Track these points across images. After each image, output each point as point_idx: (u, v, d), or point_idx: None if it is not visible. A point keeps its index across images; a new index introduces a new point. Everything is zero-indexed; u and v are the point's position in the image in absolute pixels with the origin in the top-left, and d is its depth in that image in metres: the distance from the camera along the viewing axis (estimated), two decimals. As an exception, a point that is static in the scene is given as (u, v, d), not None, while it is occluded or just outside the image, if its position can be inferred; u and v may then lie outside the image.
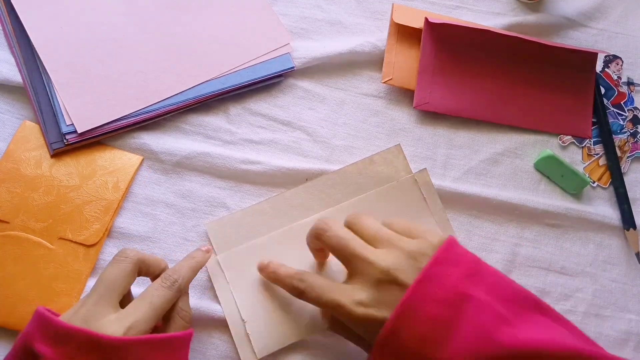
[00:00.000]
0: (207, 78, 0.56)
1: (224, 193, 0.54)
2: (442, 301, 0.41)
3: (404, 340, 0.41)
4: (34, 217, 0.51)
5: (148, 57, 0.56)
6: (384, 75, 0.58)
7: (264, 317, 0.50)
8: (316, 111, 0.58)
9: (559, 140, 0.60)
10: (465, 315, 0.41)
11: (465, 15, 0.63)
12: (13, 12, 0.55)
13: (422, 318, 0.41)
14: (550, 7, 0.64)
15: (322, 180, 0.55)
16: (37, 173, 0.52)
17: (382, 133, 0.58)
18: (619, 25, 0.65)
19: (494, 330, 0.40)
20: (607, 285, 0.57)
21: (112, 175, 0.53)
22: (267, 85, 0.58)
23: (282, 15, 0.60)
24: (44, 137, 0.53)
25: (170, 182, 0.54)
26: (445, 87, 0.58)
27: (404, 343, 0.41)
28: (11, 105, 0.54)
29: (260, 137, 0.56)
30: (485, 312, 0.41)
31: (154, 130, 0.55)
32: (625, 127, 0.61)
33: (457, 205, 0.56)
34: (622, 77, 0.63)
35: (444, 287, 0.41)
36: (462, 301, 0.41)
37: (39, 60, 0.54)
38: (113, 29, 0.56)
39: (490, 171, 0.58)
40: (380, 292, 0.42)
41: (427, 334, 0.40)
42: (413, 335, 0.40)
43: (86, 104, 0.53)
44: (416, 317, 0.41)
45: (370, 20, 0.61)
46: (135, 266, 0.44)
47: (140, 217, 0.53)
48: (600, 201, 0.59)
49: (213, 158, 0.54)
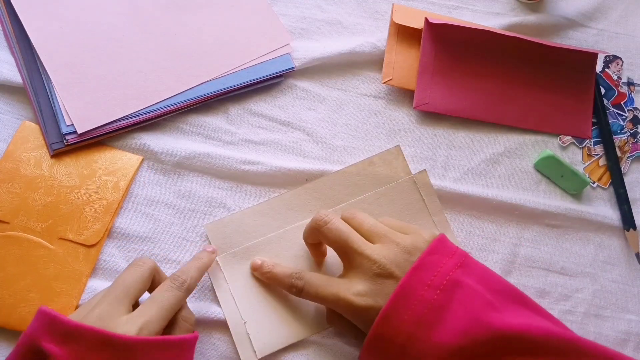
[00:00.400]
0: (207, 78, 0.56)
1: (224, 193, 0.54)
2: (436, 286, 0.44)
3: (399, 323, 0.43)
4: (34, 218, 0.51)
5: (148, 58, 0.56)
6: (384, 76, 0.58)
7: (264, 317, 0.50)
8: (316, 111, 0.58)
9: (559, 141, 0.60)
10: (457, 300, 0.43)
11: (466, 15, 0.63)
12: (13, 13, 0.55)
13: (417, 301, 0.43)
14: (551, 7, 0.64)
15: (321, 181, 0.55)
16: (37, 173, 0.52)
17: (382, 133, 0.58)
18: (619, 25, 0.65)
19: (484, 315, 0.43)
20: (607, 286, 0.57)
21: (112, 175, 0.53)
22: (267, 85, 0.58)
23: (282, 15, 0.60)
24: (44, 138, 0.53)
25: (170, 182, 0.54)
26: (445, 88, 0.58)
27: (399, 326, 0.43)
28: (11, 105, 0.54)
29: (260, 138, 0.56)
30: (475, 298, 0.44)
31: (154, 130, 0.55)
32: (626, 128, 0.61)
33: (457, 206, 0.56)
34: (622, 77, 0.63)
35: (437, 274, 0.44)
36: (454, 287, 0.44)
37: (38, 61, 0.54)
38: (113, 29, 0.56)
39: (490, 172, 0.58)
40: (377, 285, 0.45)
41: (421, 316, 0.43)
42: (408, 318, 0.43)
43: (86, 104, 0.53)
44: (411, 300, 0.43)
45: (370, 21, 0.61)
46: (151, 273, 0.45)
47: (140, 218, 0.53)
48: (600, 202, 0.59)
49: (213, 158, 0.54)
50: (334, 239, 0.47)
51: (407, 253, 0.46)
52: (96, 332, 0.40)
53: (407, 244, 0.46)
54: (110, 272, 0.51)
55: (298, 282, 0.48)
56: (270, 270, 0.50)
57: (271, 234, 0.53)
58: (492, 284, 0.46)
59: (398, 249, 0.46)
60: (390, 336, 0.43)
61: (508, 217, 0.57)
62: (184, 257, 0.52)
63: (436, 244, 0.46)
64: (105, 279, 0.51)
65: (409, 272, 0.44)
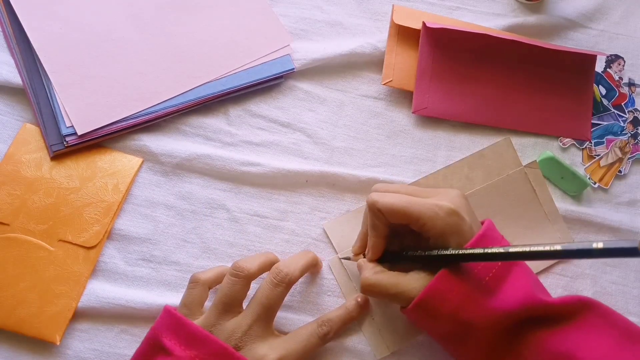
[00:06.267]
0: (207, 79, 0.56)
1: (224, 195, 0.54)
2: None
3: (475, 270, 0.45)
4: (34, 220, 0.51)
5: (148, 59, 0.56)
6: (384, 77, 0.58)
7: (392, 311, 0.51)
8: (316, 113, 0.58)
9: (559, 142, 0.60)
10: (513, 274, 0.46)
11: (466, 16, 0.62)
12: (13, 14, 0.55)
13: (482, 266, 0.45)
14: (551, 8, 0.63)
15: (434, 176, 0.56)
16: (37, 175, 0.52)
17: (383, 135, 0.58)
18: (620, 26, 0.65)
19: (536, 291, 0.45)
20: (607, 287, 0.56)
21: (112, 177, 0.53)
22: (267, 86, 0.58)
23: (282, 16, 0.60)
24: (44, 139, 0.53)
25: (170, 183, 0.54)
26: (444, 92, 0.58)
27: (475, 272, 0.45)
28: (11, 107, 0.54)
29: (260, 139, 0.56)
30: (529, 276, 0.46)
31: (154, 132, 0.55)
32: (626, 129, 0.61)
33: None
34: (624, 77, 0.63)
35: (498, 245, 0.46)
36: (511, 264, 0.46)
37: (38, 62, 0.54)
38: (113, 30, 0.56)
39: (491, 173, 0.58)
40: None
41: (482, 282, 0.45)
42: (474, 276, 0.44)
43: (86, 105, 0.53)
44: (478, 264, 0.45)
45: (371, 22, 0.61)
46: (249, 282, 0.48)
47: (140, 219, 0.53)
48: (600, 203, 0.59)
49: (213, 160, 0.54)
50: (396, 205, 0.46)
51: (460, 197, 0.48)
52: (218, 345, 0.43)
53: (451, 193, 0.48)
54: (110, 273, 0.51)
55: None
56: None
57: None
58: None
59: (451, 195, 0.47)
60: (447, 292, 0.44)
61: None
62: (184, 258, 0.52)
63: (489, 224, 0.47)
64: (105, 280, 0.51)
65: (477, 237, 0.45)
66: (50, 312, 0.49)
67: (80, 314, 0.50)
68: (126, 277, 0.52)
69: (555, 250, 0.37)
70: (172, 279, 0.52)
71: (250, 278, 0.46)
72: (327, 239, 0.54)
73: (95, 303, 0.50)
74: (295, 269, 0.47)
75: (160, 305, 0.48)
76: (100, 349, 0.50)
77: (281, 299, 0.46)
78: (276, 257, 0.50)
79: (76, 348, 0.50)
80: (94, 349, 0.50)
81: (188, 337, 0.43)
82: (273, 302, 0.45)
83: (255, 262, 0.47)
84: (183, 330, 0.43)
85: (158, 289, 0.52)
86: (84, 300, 0.50)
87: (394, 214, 0.45)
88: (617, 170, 0.60)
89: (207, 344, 0.43)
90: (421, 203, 0.45)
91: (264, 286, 0.46)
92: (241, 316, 0.45)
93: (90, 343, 0.50)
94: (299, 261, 0.48)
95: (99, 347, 0.50)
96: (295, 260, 0.48)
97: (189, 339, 0.43)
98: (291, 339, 0.46)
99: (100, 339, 0.50)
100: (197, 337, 0.43)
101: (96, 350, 0.50)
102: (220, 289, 0.46)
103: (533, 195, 0.56)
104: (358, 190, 0.55)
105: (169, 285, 0.52)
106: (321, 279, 0.53)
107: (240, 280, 0.45)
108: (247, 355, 0.43)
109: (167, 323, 0.44)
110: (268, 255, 0.49)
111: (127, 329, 0.50)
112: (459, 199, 0.47)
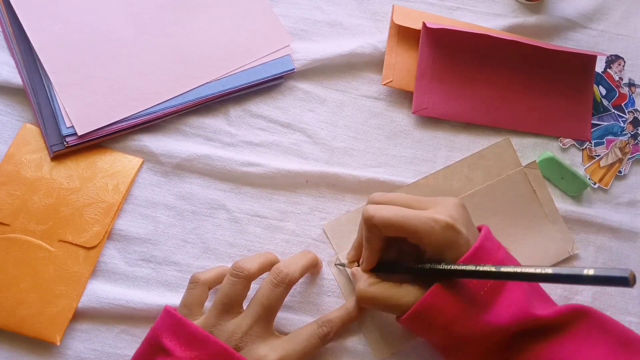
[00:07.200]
0: (207, 80, 0.56)
1: (224, 195, 0.54)
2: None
3: (470, 285, 0.44)
4: (34, 220, 0.51)
5: (148, 59, 0.56)
6: (384, 77, 0.58)
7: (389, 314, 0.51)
8: (316, 113, 0.58)
9: (559, 143, 0.60)
10: (507, 288, 0.45)
11: (466, 16, 0.62)
12: (13, 14, 0.55)
13: (476, 281, 0.44)
14: (551, 9, 0.63)
15: (434, 176, 0.56)
16: (37, 175, 0.52)
17: (383, 135, 0.58)
18: (620, 26, 0.65)
19: (530, 306, 0.45)
20: (607, 288, 0.56)
21: (112, 177, 0.53)
22: (268, 87, 0.58)
23: (282, 16, 0.60)
24: (44, 140, 0.53)
25: (170, 184, 0.54)
26: (444, 92, 0.58)
27: (469, 286, 0.44)
28: (11, 107, 0.54)
29: (260, 139, 0.56)
30: (522, 290, 0.46)
31: (154, 132, 0.55)
32: (626, 129, 0.61)
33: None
34: (624, 78, 0.63)
35: (494, 260, 0.45)
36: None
37: (38, 63, 0.54)
38: (113, 30, 0.56)
39: (491, 173, 0.58)
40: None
41: (477, 295, 0.44)
42: (469, 290, 0.44)
43: (86, 106, 0.53)
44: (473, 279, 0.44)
45: (371, 22, 0.61)
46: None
47: (140, 220, 0.53)
48: (600, 204, 0.59)
49: (213, 160, 0.54)
50: (393, 219, 0.45)
51: (458, 208, 0.47)
52: (220, 346, 0.43)
53: (448, 203, 0.47)
54: (110, 274, 0.51)
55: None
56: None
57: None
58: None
59: (449, 205, 0.46)
60: (458, 291, 0.44)
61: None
62: (184, 258, 0.52)
63: (486, 233, 0.47)
64: (105, 281, 0.51)
65: (471, 251, 0.44)
66: (50, 312, 0.49)
67: (80, 314, 0.50)
68: (126, 278, 0.52)
69: (546, 274, 0.38)
70: (172, 280, 0.52)
71: (250, 278, 0.46)
72: (327, 240, 0.54)
73: (95, 303, 0.50)
74: (295, 270, 0.47)
75: (161, 306, 0.48)
76: (100, 349, 0.50)
77: (281, 299, 0.46)
78: (276, 257, 0.50)
79: (76, 348, 0.50)
80: (94, 349, 0.50)
81: (188, 338, 0.43)
82: (273, 303, 0.45)
83: (255, 263, 0.47)
84: (183, 330, 0.43)
85: (158, 289, 0.52)
86: (84, 301, 0.50)
87: (391, 228, 0.45)
88: (617, 170, 0.60)
89: (207, 344, 0.43)
90: (418, 217, 0.44)
91: (264, 286, 0.46)
92: (241, 317, 0.45)
93: (91, 343, 0.50)
94: (299, 262, 0.48)
95: (99, 348, 0.50)
96: (296, 261, 0.48)
97: (189, 339, 0.43)
98: (291, 340, 0.46)
99: (100, 339, 0.50)
100: (197, 338, 0.43)
101: (96, 351, 0.50)
102: (221, 290, 0.46)
103: (533, 196, 0.56)
104: (358, 190, 0.55)
105: (169, 286, 0.52)
106: (321, 280, 0.53)
107: (241, 280, 0.45)
108: (247, 355, 0.44)
109: (167, 323, 0.44)
110: (268, 256, 0.49)
111: (127, 329, 0.50)
112: (457, 209, 0.46)
